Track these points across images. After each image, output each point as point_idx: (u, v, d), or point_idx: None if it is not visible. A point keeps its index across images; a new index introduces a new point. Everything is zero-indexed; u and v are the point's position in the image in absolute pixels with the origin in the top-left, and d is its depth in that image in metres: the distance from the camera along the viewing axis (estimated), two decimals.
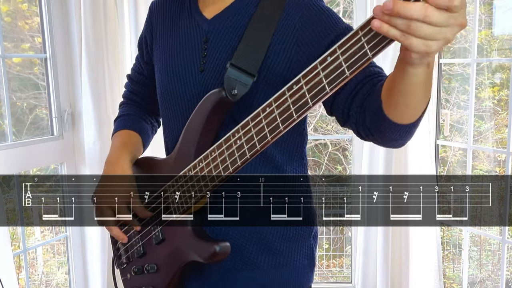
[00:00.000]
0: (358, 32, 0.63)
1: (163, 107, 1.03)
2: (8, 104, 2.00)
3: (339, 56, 0.66)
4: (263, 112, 0.78)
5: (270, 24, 0.90)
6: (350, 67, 0.66)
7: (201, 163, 0.89)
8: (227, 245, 0.90)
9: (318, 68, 0.69)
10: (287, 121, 0.75)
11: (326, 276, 3.19)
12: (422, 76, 0.66)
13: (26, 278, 2.19)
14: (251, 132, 0.80)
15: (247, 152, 0.81)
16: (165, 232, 0.96)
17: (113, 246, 1.08)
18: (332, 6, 3.73)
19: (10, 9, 2.20)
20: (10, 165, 1.95)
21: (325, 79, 0.69)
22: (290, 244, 0.98)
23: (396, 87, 0.71)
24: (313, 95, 0.71)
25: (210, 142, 0.91)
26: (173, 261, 0.95)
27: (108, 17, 2.11)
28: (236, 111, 0.91)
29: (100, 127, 2.13)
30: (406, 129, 0.77)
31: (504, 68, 3.03)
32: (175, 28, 1.01)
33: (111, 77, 2.14)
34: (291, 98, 0.73)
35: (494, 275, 3.02)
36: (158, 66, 1.03)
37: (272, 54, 0.90)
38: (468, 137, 2.19)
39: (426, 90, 0.70)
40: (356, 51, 0.64)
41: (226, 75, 0.88)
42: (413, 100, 0.71)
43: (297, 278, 1.00)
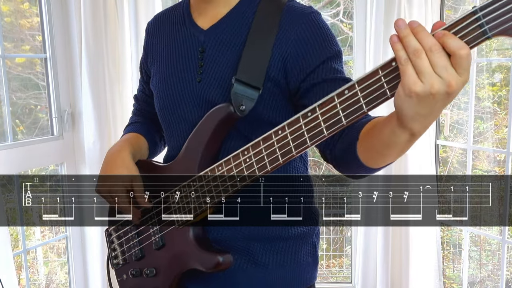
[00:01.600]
0: (379, 71, 0.67)
1: (162, 120, 1.04)
2: (8, 104, 2.00)
3: (358, 92, 0.69)
4: (275, 135, 0.79)
5: (269, 36, 0.90)
6: (368, 104, 0.69)
7: (206, 176, 0.89)
8: (229, 256, 0.92)
9: (335, 101, 0.72)
10: (300, 146, 0.77)
11: (326, 276, 3.19)
12: (402, 140, 0.70)
13: (26, 278, 2.19)
14: (262, 153, 0.81)
15: (256, 171, 0.82)
16: (165, 238, 0.96)
17: (108, 247, 1.08)
18: (332, 6, 3.73)
19: (10, 9, 2.20)
20: (10, 165, 1.95)
21: (342, 112, 0.71)
22: (294, 242, 0.99)
23: (376, 135, 0.75)
24: (329, 125, 0.73)
25: (214, 153, 0.92)
26: (174, 267, 0.95)
27: (108, 17, 2.11)
28: (240, 122, 0.91)
29: (100, 127, 2.13)
30: (367, 170, 0.82)
31: (503, 68, 3.04)
32: (171, 41, 1.02)
33: (111, 77, 2.14)
34: (306, 126, 0.75)
35: (494, 275, 3.02)
36: (155, 79, 1.03)
37: (273, 65, 0.90)
38: (468, 137, 2.19)
39: (399, 153, 0.75)
40: (375, 90, 0.67)
41: (233, 91, 0.88)
42: (385, 152, 0.75)
43: (302, 276, 1.00)
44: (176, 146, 1.00)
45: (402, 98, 0.63)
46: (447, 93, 0.61)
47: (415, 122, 0.65)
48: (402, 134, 0.69)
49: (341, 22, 3.74)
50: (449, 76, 0.60)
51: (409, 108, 0.64)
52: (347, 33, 3.71)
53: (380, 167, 0.81)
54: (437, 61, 0.60)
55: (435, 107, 0.63)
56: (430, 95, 0.61)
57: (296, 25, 0.90)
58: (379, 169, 0.82)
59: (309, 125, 0.75)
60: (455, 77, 0.60)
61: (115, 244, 1.06)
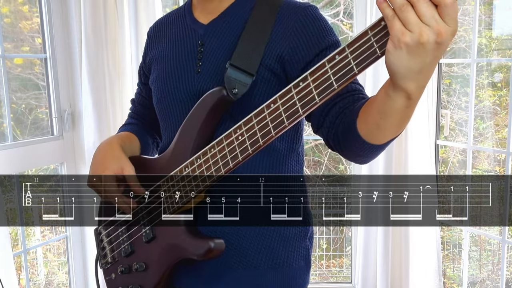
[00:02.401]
0: (368, 32, 0.67)
1: (159, 112, 1.05)
2: (8, 104, 2.00)
3: (348, 54, 0.69)
4: (267, 108, 0.79)
5: (266, 27, 0.93)
6: (359, 65, 0.69)
7: (199, 159, 0.89)
8: (221, 242, 0.90)
9: (326, 66, 0.72)
10: (292, 116, 0.77)
11: (326, 276, 3.19)
12: (399, 104, 0.70)
13: (26, 278, 2.19)
14: (255, 128, 0.81)
15: (249, 147, 0.82)
16: (156, 230, 0.96)
17: (97, 246, 1.08)
18: (332, 6, 3.74)
19: (10, 10, 2.20)
20: (10, 165, 1.95)
21: (333, 76, 0.71)
22: (287, 244, 0.98)
23: (374, 106, 0.75)
24: (320, 91, 0.73)
25: (207, 139, 0.92)
26: (164, 259, 0.94)
27: (108, 17, 2.11)
28: (234, 109, 0.93)
29: (100, 127, 2.13)
30: (371, 148, 0.81)
31: (503, 67, 3.03)
32: (172, 38, 1.04)
33: (111, 77, 2.14)
34: (298, 95, 0.75)
35: (494, 275, 3.02)
36: (155, 74, 1.05)
37: (269, 55, 0.92)
38: (468, 137, 2.19)
39: (401, 122, 0.74)
40: (365, 50, 0.67)
41: (226, 75, 0.89)
42: (385, 124, 0.75)
43: (294, 279, 0.99)
44: (170, 137, 1.01)
45: (391, 52, 0.64)
46: (437, 42, 0.62)
47: (408, 79, 0.66)
48: (398, 97, 0.69)
49: (341, 22, 3.74)
50: (438, 25, 0.61)
51: (400, 62, 0.64)
52: (347, 33, 3.71)
53: (383, 144, 0.80)
54: (424, 11, 0.61)
55: (426, 60, 0.63)
56: (420, 44, 0.62)
57: (293, 17, 0.93)
58: (381, 147, 0.81)
59: (300, 94, 0.75)
60: (443, 25, 0.61)
61: (104, 243, 1.06)
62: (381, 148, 0.82)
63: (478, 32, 2.44)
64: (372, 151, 0.83)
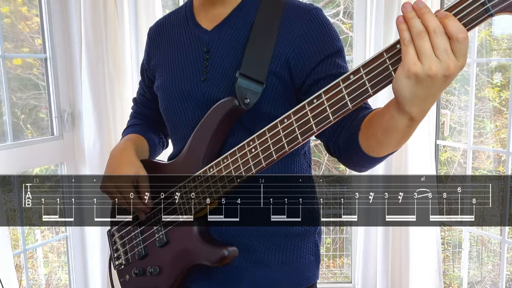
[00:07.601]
0: (383, 54, 0.68)
1: (167, 120, 1.05)
2: (8, 104, 2.00)
3: (363, 75, 0.70)
4: (281, 123, 0.80)
5: (272, 30, 0.92)
6: (374, 86, 0.70)
7: (212, 169, 0.89)
8: (234, 249, 0.91)
9: (341, 85, 0.73)
10: (306, 133, 0.78)
11: (326, 276, 3.19)
12: (402, 124, 0.71)
13: (26, 278, 2.19)
14: (268, 142, 0.82)
15: (262, 161, 0.83)
16: (169, 235, 0.96)
17: (111, 247, 1.08)
18: (332, 6, 3.74)
19: (10, 10, 2.20)
20: (10, 165, 1.95)
21: (347, 96, 0.73)
22: (297, 241, 0.99)
23: (377, 122, 0.77)
24: (334, 110, 0.74)
25: (219, 147, 0.93)
26: (178, 263, 0.95)
27: (108, 17, 2.11)
28: (245, 117, 0.93)
29: (100, 127, 2.13)
30: (371, 160, 0.83)
31: (503, 67, 3.03)
32: (175, 43, 1.03)
33: (111, 77, 2.14)
34: (312, 112, 0.76)
35: (494, 275, 3.01)
36: (159, 81, 1.04)
37: (276, 60, 0.92)
38: (468, 137, 2.19)
39: (402, 139, 0.76)
40: (380, 72, 0.69)
41: (237, 85, 0.89)
42: (386, 140, 0.76)
43: (304, 274, 1.00)
44: (181, 145, 1.01)
45: (400, 79, 0.65)
46: (445, 76, 0.63)
47: (413, 105, 0.67)
48: (401, 118, 0.70)
49: (341, 22, 3.74)
50: (448, 60, 0.62)
51: (407, 89, 0.65)
52: (347, 33, 3.71)
53: (382, 157, 0.82)
54: (439, 44, 0.62)
55: (432, 90, 0.65)
56: (428, 77, 0.63)
57: (298, 21, 0.92)
58: (380, 159, 0.83)
59: (314, 111, 0.76)
60: (453, 61, 0.63)
61: (117, 245, 1.06)
62: (380, 160, 0.84)
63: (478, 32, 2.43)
64: (371, 162, 0.85)
